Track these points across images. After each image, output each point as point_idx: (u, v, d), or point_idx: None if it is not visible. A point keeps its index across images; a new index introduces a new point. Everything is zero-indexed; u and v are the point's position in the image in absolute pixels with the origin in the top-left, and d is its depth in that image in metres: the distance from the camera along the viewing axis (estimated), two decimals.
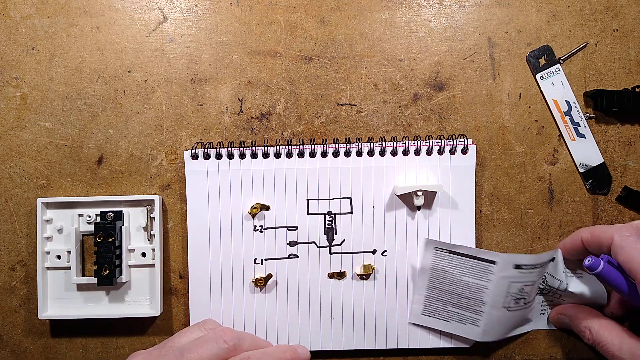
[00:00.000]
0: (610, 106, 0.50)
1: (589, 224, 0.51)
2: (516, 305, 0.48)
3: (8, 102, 0.52)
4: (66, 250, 0.51)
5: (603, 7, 0.51)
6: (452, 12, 0.51)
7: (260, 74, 0.51)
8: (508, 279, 0.47)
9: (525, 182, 0.51)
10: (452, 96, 0.51)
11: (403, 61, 0.51)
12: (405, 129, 0.51)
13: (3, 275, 0.52)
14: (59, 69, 0.51)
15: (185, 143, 0.51)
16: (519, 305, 0.48)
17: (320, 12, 0.52)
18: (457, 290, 0.48)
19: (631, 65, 0.51)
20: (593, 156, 0.51)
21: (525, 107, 0.51)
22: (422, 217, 0.51)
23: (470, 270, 0.48)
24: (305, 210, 0.51)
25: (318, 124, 0.52)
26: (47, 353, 0.52)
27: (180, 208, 0.52)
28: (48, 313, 0.51)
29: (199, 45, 0.51)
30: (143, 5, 0.52)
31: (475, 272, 0.47)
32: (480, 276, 0.47)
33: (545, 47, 0.51)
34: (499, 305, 0.47)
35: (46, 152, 0.52)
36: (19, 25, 0.51)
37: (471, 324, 0.48)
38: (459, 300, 0.48)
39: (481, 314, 0.48)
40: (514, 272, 0.46)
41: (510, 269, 0.46)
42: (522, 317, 0.49)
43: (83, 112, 0.52)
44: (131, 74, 0.52)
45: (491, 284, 0.47)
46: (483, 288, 0.47)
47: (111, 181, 0.52)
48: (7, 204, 0.52)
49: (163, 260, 0.51)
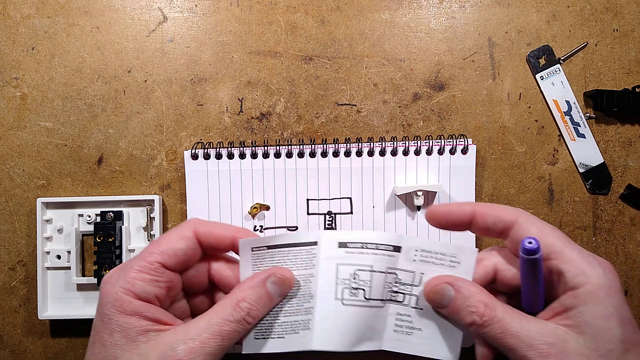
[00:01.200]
0: (610, 106, 0.50)
1: (589, 224, 0.51)
2: (353, 297, 0.39)
3: (8, 102, 0.52)
4: (66, 250, 0.51)
5: (603, 7, 0.51)
6: (452, 12, 0.51)
7: (260, 74, 0.51)
8: (334, 260, 0.39)
9: (525, 182, 0.51)
10: (452, 96, 0.51)
11: (403, 61, 0.51)
12: (405, 129, 0.51)
13: (3, 275, 0.52)
14: (59, 69, 0.51)
15: (185, 143, 0.51)
16: (358, 298, 0.39)
17: (320, 12, 0.51)
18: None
19: (631, 65, 0.51)
20: (593, 156, 0.51)
21: (525, 107, 0.51)
22: (422, 217, 0.51)
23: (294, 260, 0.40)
24: (305, 210, 0.51)
25: (318, 124, 0.52)
26: (47, 353, 0.52)
27: (180, 208, 0.52)
28: (48, 313, 0.51)
29: (199, 45, 0.51)
30: (143, 5, 0.52)
31: (300, 261, 0.40)
32: (305, 264, 0.39)
33: (545, 47, 0.51)
34: (329, 296, 0.39)
35: (46, 152, 0.52)
36: (19, 25, 0.51)
37: (303, 329, 0.39)
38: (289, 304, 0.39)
39: (311, 311, 0.39)
40: (339, 251, 0.39)
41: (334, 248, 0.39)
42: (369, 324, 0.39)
43: (83, 112, 0.52)
44: (131, 74, 0.52)
45: (316, 269, 0.39)
46: (309, 277, 0.39)
47: (111, 181, 0.52)
48: (7, 204, 0.52)
49: None
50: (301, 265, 0.39)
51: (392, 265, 0.40)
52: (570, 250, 0.36)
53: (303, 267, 0.39)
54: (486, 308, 0.36)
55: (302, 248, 0.40)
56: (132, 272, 0.35)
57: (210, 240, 0.38)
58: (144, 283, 0.35)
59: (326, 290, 0.39)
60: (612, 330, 0.34)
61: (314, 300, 0.39)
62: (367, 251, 0.39)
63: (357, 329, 0.39)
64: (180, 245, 0.37)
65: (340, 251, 0.39)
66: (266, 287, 0.37)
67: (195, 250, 0.38)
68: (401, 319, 0.40)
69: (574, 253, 0.36)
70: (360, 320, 0.39)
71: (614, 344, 0.34)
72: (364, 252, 0.39)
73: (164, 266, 0.36)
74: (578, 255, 0.36)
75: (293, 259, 0.40)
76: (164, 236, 0.38)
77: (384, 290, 0.40)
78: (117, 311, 0.34)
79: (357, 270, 0.39)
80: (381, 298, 0.40)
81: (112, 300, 0.34)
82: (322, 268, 0.39)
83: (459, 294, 0.37)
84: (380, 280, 0.40)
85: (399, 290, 0.40)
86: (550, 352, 0.34)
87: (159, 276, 0.36)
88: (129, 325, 0.34)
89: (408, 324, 0.40)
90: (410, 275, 0.40)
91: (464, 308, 0.37)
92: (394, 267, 0.40)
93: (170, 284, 0.37)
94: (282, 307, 0.39)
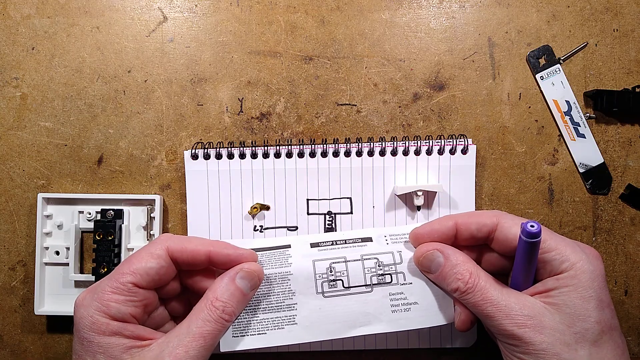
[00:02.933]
0: (610, 106, 0.50)
1: (589, 224, 0.51)
2: (333, 289, 0.41)
3: (8, 102, 0.52)
4: (65, 247, 0.51)
5: (603, 7, 0.51)
6: (452, 12, 0.51)
7: (260, 74, 0.51)
8: (310, 258, 0.42)
9: (525, 182, 0.51)
10: (452, 96, 0.51)
11: (403, 61, 0.51)
12: (405, 129, 0.51)
13: (3, 275, 0.52)
14: (59, 69, 0.52)
15: (185, 143, 0.51)
16: (337, 288, 0.41)
17: (320, 12, 0.52)
18: (263, 291, 0.41)
19: (631, 65, 0.51)
20: (593, 156, 0.51)
21: (525, 107, 0.51)
22: (422, 217, 0.51)
23: (268, 261, 0.42)
24: (305, 210, 0.51)
25: (318, 124, 0.52)
26: (47, 353, 0.52)
27: (180, 208, 0.52)
28: (45, 309, 0.51)
29: (199, 45, 0.51)
30: (143, 5, 0.52)
31: (274, 261, 0.42)
32: (280, 263, 0.41)
33: (545, 47, 0.51)
34: (310, 291, 0.41)
35: (46, 152, 0.52)
36: (19, 25, 0.52)
37: (289, 324, 0.40)
38: (268, 302, 0.41)
39: (294, 307, 0.41)
40: (312, 250, 0.42)
41: (307, 248, 0.42)
42: (361, 310, 0.41)
43: (83, 112, 0.52)
44: (131, 74, 0.52)
45: (293, 267, 0.41)
46: (287, 275, 0.41)
47: (111, 181, 0.52)
48: (7, 204, 0.52)
49: None
50: (276, 265, 0.41)
51: (367, 252, 0.42)
52: (555, 240, 0.37)
53: (278, 266, 0.41)
54: (471, 276, 0.37)
55: (276, 251, 0.42)
56: (106, 294, 0.35)
57: (184, 257, 0.38)
58: (117, 304, 0.35)
59: (306, 285, 0.41)
60: (589, 311, 0.35)
61: (296, 296, 0.41)
62: (337, 246, 0.42)
63: (346, 317, 0.41)
64: (151, 264, 0.36)
65: (313, 250, 0.42)
66: (236, 283, 0.37)
67: (168, 268, 0.37)
68: (395, 297, 0.41)
69: (558, 241, 0.37)
70: (346, 308, 0.41)
71: (589, 323, 0.35)
72: (335, 248, 0.42)
73: (137, 286, 0.36)
74: (562, 243, 0.37)
75: (267, 260, 0.42)
76: (135, 255, 0.37)
77: (365, 276, 0.42)
78: (96, 333, 0.34)
79: (332, 263, 0.41)
80: (364, 284, 0.41)
81: (88, 323, 0.34)
82: (299, 266, 0.41)
83: (448, 261, 0.39)
84: (357, 268, 0.41)
85: (384, 272, 0.42)
86: (526, 324, 0.35)
87: (134, 296, 0.36)
88: (111, 346, 0.34)
89: (404, 301, 0.41)
90: (390, 256, 0.42)
91: (451, 275, 0.38)
92: (370, 254, 0.42)
93: (146, 302, 0.37)
94: (259, 305, 0.41)
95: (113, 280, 0.36)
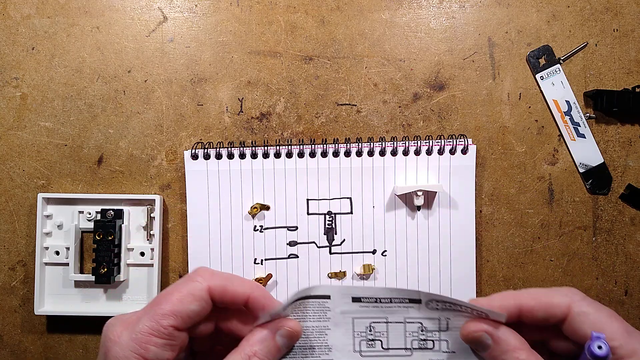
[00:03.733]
0: (610, 106, 0.50)
1: (589, 224, 0.51)
2: (371, 349, 0.40)
3: (8, 102, 0.52)
4: (65, 247, 0.51)
5: (603, 7, 0.51)
6: (452, 12, 0.51)
7: (260, 74, 0.51)
8: (350, 315, 0.41)
9: (525, 182, 0.51)
10: (452, 96, 0.51)
11: (403, 61, 0.51)
12: (405, 129, 0.51)
13: (3, 275, 0.52)
14: (59, 69, 0.52)
15: (185, 143, 0.51)
16: (375, 349, 0.40)
17: (320, 12, 0.52)
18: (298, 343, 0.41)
19: (631, 65, 0.51)
20: (593, 156, 0.51)
21: (525, 107, 0.51)
22: (422, 217, 0.51)
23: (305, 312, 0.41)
24: (305, 210, 0.51)
25: (318, 124, 0.52)
26: (47, 353, 0.52)
27: (180, 208, 0.52)
28: (45, 308, 0.51)
29: (199, 45, 0.51)
30: (143, 5, 0.52)
31: (312, 312, 0.41)
32: (318, 316, 0.41)
33: (545, 47, 0.51)
34: (347, 348, 0.40)
35: (46, 152, 0.52)
36: (19, 25, 0.52)
37: None
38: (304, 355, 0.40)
39: None
40: (353, 306, 0.41)
41: (348, 303, 0.41)
42: None
43: (83, 112, 0.52)
44: (131, 74, 0.52)
45: (331, 322, 0.40)
46: (324, 330, 0.40)
47: (111, 181, 0.52)
48: (7, 204, 0.52)
49: (163, 260, 0.51)
50: (314, 317, 0.40)
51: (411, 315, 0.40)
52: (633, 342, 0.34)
53: (316, 319, 0.40)
54: None
55: (315, 301, 0.40)
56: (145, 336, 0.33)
57: (224, 299, 0.36)
58: (157, 348, 0.33)
59: (344, 342, 0.40)
60: None
61: (332, 352, 0.40)
62: (381, 305, 0.40)
63: None
64: (194, 307, 0.35)
65: (354, 306, 0.40)
66: (275, 340, 0.37)
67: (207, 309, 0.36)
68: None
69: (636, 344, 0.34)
70: None
71: None
72: (378, 306, 0.40)
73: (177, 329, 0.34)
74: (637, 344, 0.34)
75: (305, 311, 0.40)
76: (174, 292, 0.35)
77: (405, 339, 0.41)
78: None
79: (372, 322, 0.40)
80: (404, 347, 0.40)
81: None
82: (338, 322, 0.40)
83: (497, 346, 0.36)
84: (398, 330, 0.40)
85: (427, 338, 0.40)
86: None
87: (173, 340, 0.34)
88: None
89: None
90: (436, 322, 0.41)
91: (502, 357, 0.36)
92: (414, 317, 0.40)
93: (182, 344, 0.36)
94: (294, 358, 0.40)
95: (153, 321, 0.34)
